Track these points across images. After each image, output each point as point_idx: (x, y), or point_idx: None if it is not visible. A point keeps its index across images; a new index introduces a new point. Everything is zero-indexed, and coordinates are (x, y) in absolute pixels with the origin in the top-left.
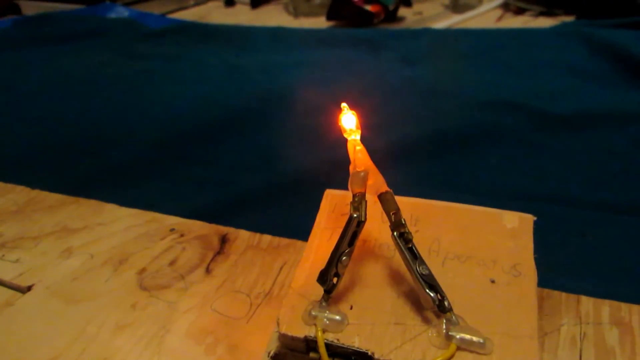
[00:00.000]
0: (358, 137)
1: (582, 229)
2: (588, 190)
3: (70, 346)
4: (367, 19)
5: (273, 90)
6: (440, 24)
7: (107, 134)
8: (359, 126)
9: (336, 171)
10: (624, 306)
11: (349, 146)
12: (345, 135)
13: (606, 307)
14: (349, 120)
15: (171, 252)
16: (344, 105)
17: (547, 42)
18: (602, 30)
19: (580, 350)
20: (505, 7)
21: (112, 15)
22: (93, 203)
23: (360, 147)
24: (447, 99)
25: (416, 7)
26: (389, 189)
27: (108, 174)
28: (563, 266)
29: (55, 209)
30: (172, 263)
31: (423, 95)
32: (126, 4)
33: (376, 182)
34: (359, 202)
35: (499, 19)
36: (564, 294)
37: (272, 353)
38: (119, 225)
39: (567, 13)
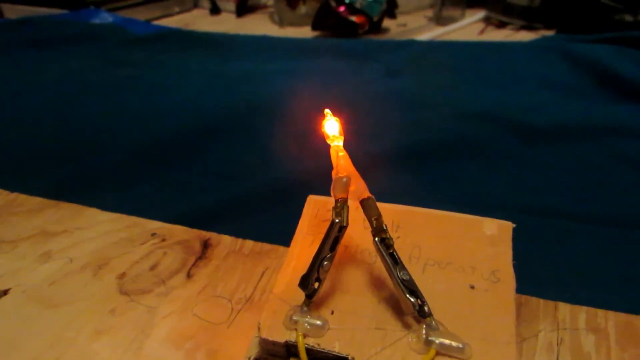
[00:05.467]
0: (341, 143)
1: (559, 238)
2: (565, 201)
3: (47, 351)
4: (351, 30)
5: (257, 99)
6: (423, 36)
7: (89, 139)
8: (342, 132)
9: (319, 179)
10: (600, 312)
11: (332, 152)
12: (328, 141)
13: (583, 313)
14: (332, 126)
15: (152, 257)
16: (327, 111)
17: (528, 56)
18: (581, 45)
19: (557, 356)
20: (487, 20)
21: (96, 20)
22: (73, 207)
23: (343, 152)
24: (429, 110)
25: (400, 18)
26: (371, 195)
27: (90, 179)
28: (540, 274)
29: (34, 212)
30: (152, 268)
31: (406, 105)
32: (110, 10)
33: (358, 188)
34: (341, 207)
35: (481, 32)
36: (541, 301)
37: (252, 358)
38: (99, 230)
39: (547, 27)
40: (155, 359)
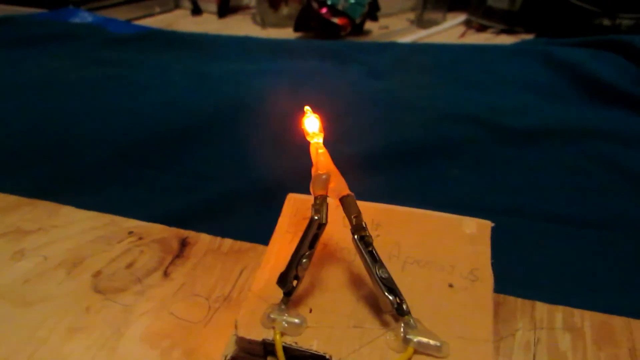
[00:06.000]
0: (321, 140)
1: (537, 239)
2: (544, 203)
3: (18, 350)
4: (334, 31)
5: (238, 99)
6: (405, 39)
7: (68, 138)
8: (322, 129)
9: (300, 179)
10: (577, 312)
11: (312, 149)
12: (308, 139)
13: (559, 313)
14: (311, 123)
15: (128, 255)
16: (306, 108)
17: (508, 59)
18: (560, 48)
19: (534, 355)
20: (468, 24)
21: (76, 20)
22: (49, 205)
23: (322, 150)
24: (410, 112)
25: (382, 21)
26: (350, 192)
27: (68, 179)
28: (519, 275)
29: (9, 210)
30: (129, 266)
31: (387, 107)
32: (90, 10)
33: (338, 185)
34: (320, 204)
35: (462, 35)
36: (519, 300)
37: (229, 357)
38: (75, 228)
39: (527, 31)
40: (130, 358)
